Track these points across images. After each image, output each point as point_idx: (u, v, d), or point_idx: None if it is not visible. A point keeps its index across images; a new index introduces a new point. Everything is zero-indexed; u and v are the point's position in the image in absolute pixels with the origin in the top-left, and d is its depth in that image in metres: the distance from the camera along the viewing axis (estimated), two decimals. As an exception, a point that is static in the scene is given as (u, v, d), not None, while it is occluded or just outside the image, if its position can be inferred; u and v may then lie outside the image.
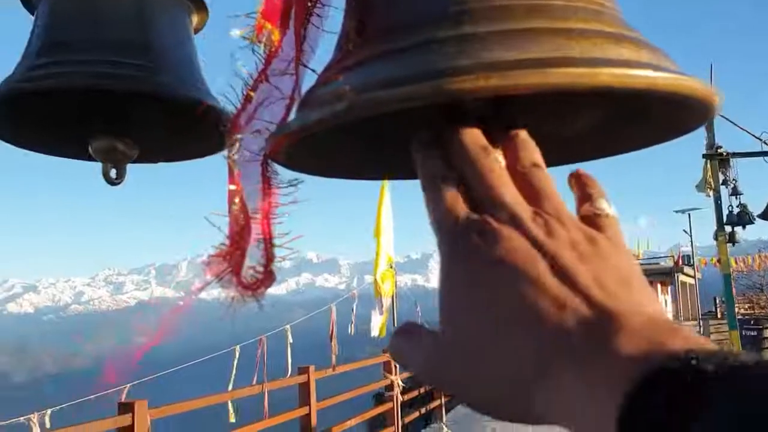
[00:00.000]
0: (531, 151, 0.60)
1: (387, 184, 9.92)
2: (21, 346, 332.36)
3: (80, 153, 1.24)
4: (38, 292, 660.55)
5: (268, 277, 0.75)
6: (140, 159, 1.26)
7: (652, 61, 0.58)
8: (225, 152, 0.77)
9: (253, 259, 0.74)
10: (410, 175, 0.93)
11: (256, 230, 0.74)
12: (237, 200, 0.74)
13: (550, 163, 0.71)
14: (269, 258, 0.75)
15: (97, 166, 1.22)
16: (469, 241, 0.52)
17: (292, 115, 0.76)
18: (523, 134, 0.62)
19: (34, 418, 4.55)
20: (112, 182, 1.19)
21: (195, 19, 1.31)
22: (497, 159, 0.58)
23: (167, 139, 1.33)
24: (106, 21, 1.18)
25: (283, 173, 0.77)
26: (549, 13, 0.60)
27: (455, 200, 0.55)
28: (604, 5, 0.65)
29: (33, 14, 1.24)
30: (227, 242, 0.73)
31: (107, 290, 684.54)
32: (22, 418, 4.60)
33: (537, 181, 0.56)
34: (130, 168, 1.30)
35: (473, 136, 0.58)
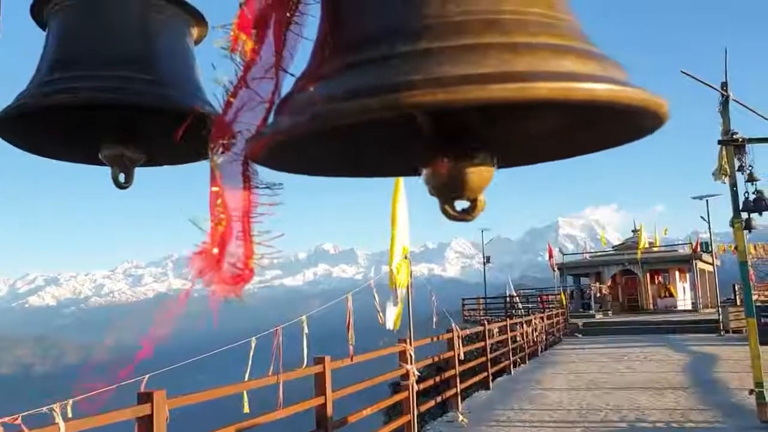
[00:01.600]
0: None
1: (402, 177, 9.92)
2: (43, 338, 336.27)
3: (91, 159, 1.30)
4: (60, 285, 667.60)
5: (247, 273, 0.80)
6: (147, 163, 1.32)
7: (596, 72, 0.63)
8: (207, 155, 0.82)
9: (234, 257, 0.79)
10: (382, 173, 0.99)
11: (236, 228, 0.80)
12: (219, 201, 0.79)
13: (516, 163, 0.76)
14: (248, 255, 0.80)
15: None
16: None
17: (270, 119, 0.81)
18: None
19: (57, 408, 4.64)
20: (121, 186, 1.25)
21: (195, 32, 1.37)
22: None
23: (172, 145, 1.38)
24: (113, 37, 1.25)
25: (265, 174, 0.82)
26: (501, 28, 0.64)
27: None
28: (558, 18, 0.69)
29: (44, 30, 1.30)
30: (208, 241, 0.78)
31: (126, 283, 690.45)
32: (44, 408, 4.68)
33: None
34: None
35: None
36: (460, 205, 0.74)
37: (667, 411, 11.37)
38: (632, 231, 48.39)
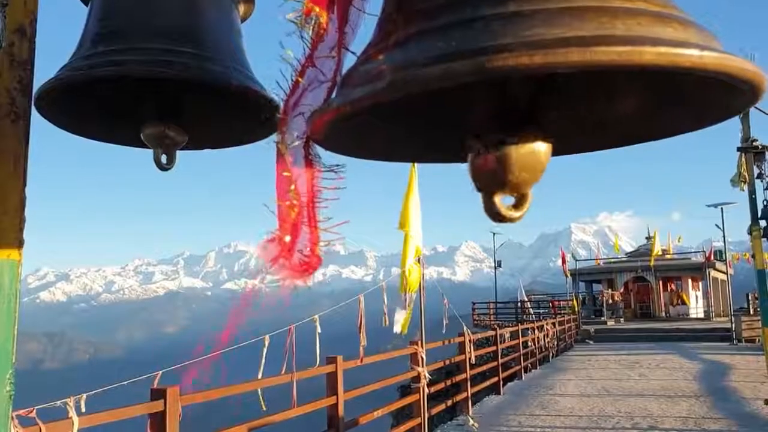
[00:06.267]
0: None
1: (416, 177, 9.88)
2: (53, 333, 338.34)
3: (131, 140, 1.27)
4: (70, 281, 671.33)
5: (315, 260, 0.77)
6: (188, 146, 1.28)
7: (699, 41, 0.58)
8: (276, 138, 0.78)
9: (301, 244, 0.76)
10: (443, 158, 0.94)
11: (304, 215, 0.76)
12: (293, 187, 0.75)
13: (585, 147, 0.71)
14: (315, 242, 0.77)
15: (126, 156, 1.25)
16: None
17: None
18: None
19: (71, 402, 4.63)
20: (162, 167, 1.21)
21: (242, 8, 1.33)
22: None
23: (215, 126, 1.35)
24: (158, 10, 1.21)
25: (325, 158, 0.79)
26: None
27: None
28: None
29: (87, 5, 1.27)
30: (280, 227, 0.75)
31: (137, 280, 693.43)
32: (59, 402, 4.68)
33: None
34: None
35: None
36: (506, 202, 0.73)
37: (680, 419, 11.25)
38: (646, 238, 48.13)
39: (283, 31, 0.82)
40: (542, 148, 0.70)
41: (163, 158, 1.22)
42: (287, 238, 0.76)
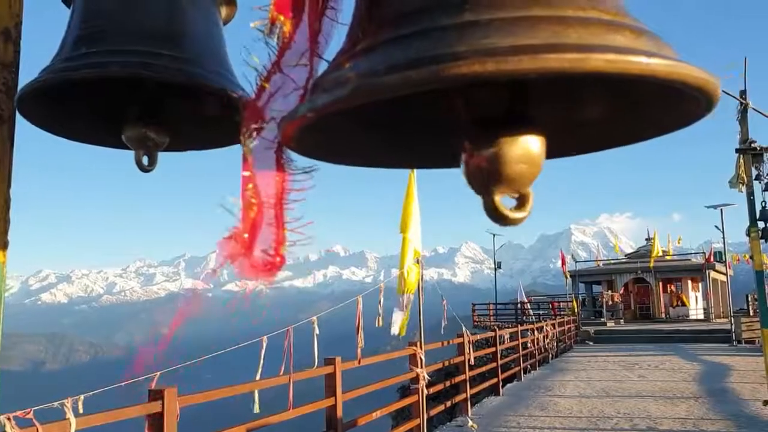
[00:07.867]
0: None
1: (414, 181, 9.89)
2: (55, 335, 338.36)
3: (113, 141, 1.28)
4: (71, 282, 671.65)
5: (278, 260, 0.78)
6: (170, 147, 1.29)
7: (650, 48, 0.59)
8: (240, 140, 0.79)
9: (265, 243, 0.77)
10: (425, 164, 0.95)
11: (268, 215, 0.77)
12: (250, 186, 0.76)
13: (561, 153, 0.72)
14: (280, 242, 0.78)
15: (126, 158, 1.26)
16: None
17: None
18: None
19: (68, 403, 4.64)
20: (144, 169, 1.23)
21: (224, 11, 1.35)
22: None
23: (197, 128, 1.36)
24: (140, 13, 1.23)
25: (299, 162, 0.80)
26: (547, 1, 0.61)
27: None
28: None
29: (69, 7, 1.28)
30: (239, 226, 0.76)
31: (138, 281, 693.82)
32: (56, 403, 4.68)
33: None
34: (162, 161, 1.32)
35: None
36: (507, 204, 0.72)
37: (678, 420, 11.26)
38: (645, 239, 48.15)
39: (252, 36, 0.83)
40: (535, 139, 0.70)
41: (145, 160, 1.23)
42: (245, 236, 0.77)
